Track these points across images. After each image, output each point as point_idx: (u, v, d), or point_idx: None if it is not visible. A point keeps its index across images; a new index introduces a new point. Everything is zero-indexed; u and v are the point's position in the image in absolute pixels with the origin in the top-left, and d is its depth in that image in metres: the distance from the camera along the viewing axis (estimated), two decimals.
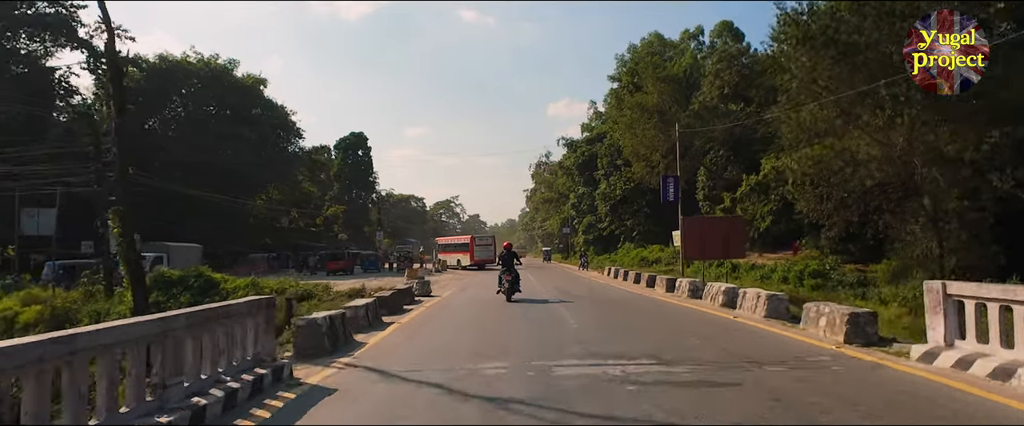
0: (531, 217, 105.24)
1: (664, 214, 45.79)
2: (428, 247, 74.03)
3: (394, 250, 61.76)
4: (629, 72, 49.55)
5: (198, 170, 41.89)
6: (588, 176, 56.98)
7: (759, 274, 23.48)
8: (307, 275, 39.94)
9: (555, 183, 75.79)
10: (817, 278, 19.87)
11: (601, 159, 52.84)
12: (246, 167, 45.33)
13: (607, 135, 53.77)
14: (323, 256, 44.92)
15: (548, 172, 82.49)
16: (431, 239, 73.05)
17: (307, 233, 62.88)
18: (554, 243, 74.92)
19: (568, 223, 65.87)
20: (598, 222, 54.00)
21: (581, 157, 58.46)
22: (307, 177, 64.24)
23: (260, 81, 50.43)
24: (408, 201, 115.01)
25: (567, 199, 67.58)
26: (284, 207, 57.37)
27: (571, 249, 64.98)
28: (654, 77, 41.05)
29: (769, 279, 22.03)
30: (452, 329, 11.42)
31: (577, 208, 61.00)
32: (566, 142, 67.81)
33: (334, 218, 67.42)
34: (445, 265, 45.51)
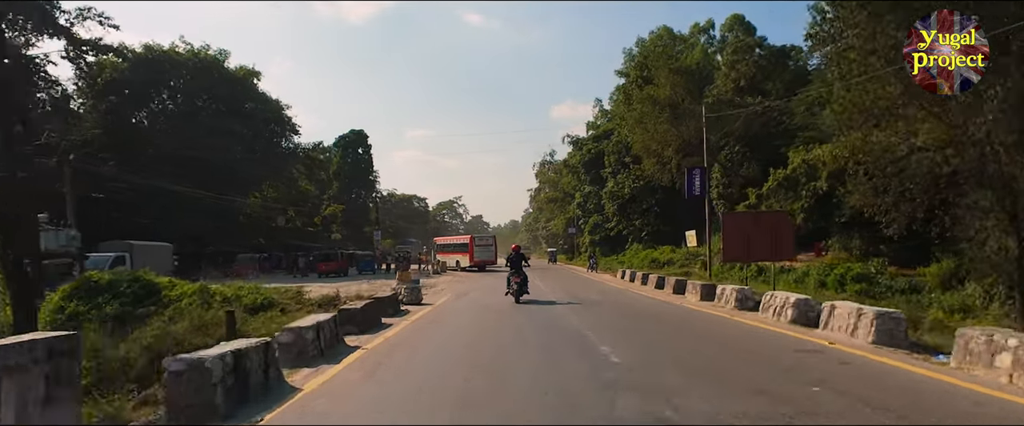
0: (534, 218, 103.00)
1: (675, 213, 43.77)
2: (430, 248, 71.73)
3: (393, 251, 59.51)
4: (638, 66, 47.45)
5: (188, 166, 39.83)
6: (594, 174, 54.88)
7: (791, 277, 21.24)
8: (298, 277, 37.83)
9: (560, 182, 73.53)
10: (861, 283, 17.61)
11: (608, 156, 50.82)
12: (237, 163, 43.21)
13: (615, 132, 51.75)
14: (313, 257, 42.56)
15: (553, 171, 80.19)
16: (432, 240, 70.76)
17: (304, 233, 60.77)
18: (559, 244, 72.53)
19: (573, 223, 63.63)
20: (605, 222, 51.92)
21: (587, 155, 56.35)
22: (304, 175, 62.11)
23: (253, 73, 48.22)
24: (410, 201, 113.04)
25: (572, 198, 65.37)
26: (280, 205, 55.31)
27: (576, 250, 62.81)
28: (666, 69, 38.86)
29: (802, 283, 19.89)
30: (437, 360, 8.35)
31: (583, 207, 58.82)
32: (571, 140, 65.60)
33: (333, 218, 65.34)
34: (444, 266, 42.99)
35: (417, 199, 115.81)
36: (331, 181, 71.47)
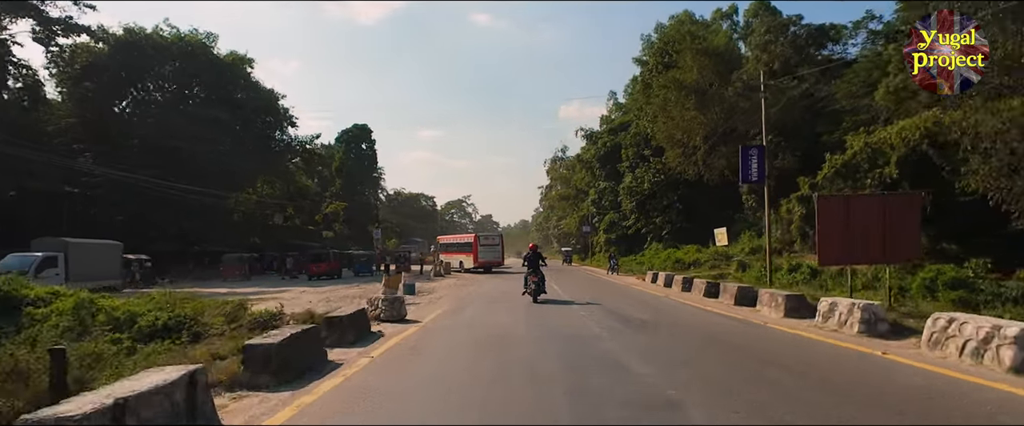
0: (545, 217, 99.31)
1: (699, 209, 40.25)
2: (437, 248, 68.26)
3: (394, 251, 56.20)
4: (657, 52, 43.85)
5: (173, 158, 36.76)
6: (610, 169, 51.27)
7: (857, 282, 17.46)
8: (287, 280, 34.68)
9: (573, 179, 69.77)
10: (957, 290, 13.95)
11: (626, 150, 47.29)
12: (227, 156, 40.02)
13: (632, 124, 48.18)
14: (300, 257, 39.04)
15: (565, 167, 76.46)
16: (437, 239, 67.28)
17: (304, 232, 57.69)
18: (572, 243, 68.68)
19: (587, 221, 59.97)
20: (622, 220, 48.38)
21: (603, 149, 52.78)
22: (303, 170, 58.96)
23: (244, 60, 44.79)
24: (418, 199, 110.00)
25: (586, 195, 61.72)
26: (277, 200, 52.23)
27: (590, 250, 59.17)
28: (692, 50, 35.27)
29: (873, 290, 16.13)
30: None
31: (598, 204, 55.21)
32: (586, 133, 62.01)
33: (334, 216, 62.15)
34: (448, 267, 39.10)
35: (425, 197, 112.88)
36: (334, 178, 68.30)
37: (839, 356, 8.30)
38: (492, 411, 5.67)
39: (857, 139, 21.59)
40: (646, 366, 7.53)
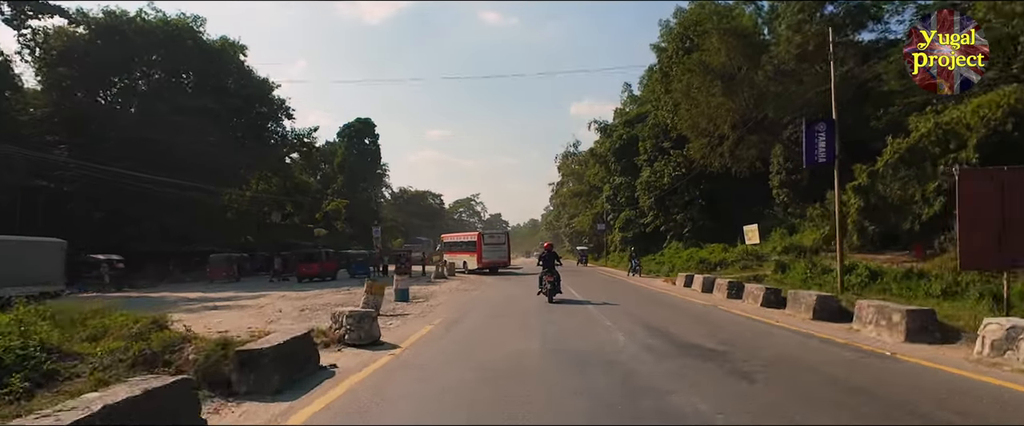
0: (556, 215, 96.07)
1: (723, 206, 37.18)
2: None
3: (397, 250, 53.40)
4: (678, 37, 40.76)
5: (157, 151, 34.12)
6: (627, 163, 48.14)
7: (922, 289, 14.28)
8: (275, 282, 31.96)
9: (585, 174, 66.57)
10: None
11: (643, 142, 44.25)
12: (217, 148, 37.36)
13: (650, 115, 45.06)
14: (290, 257, 36.13)
15: (577, 163, 73.14)
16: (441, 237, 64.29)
17: (303, 230, 55.07)
18: (585, 242, 65.25)
19: (602, 219, 56.78)
20: (639, 217, 45.32)
21: (618, 142, 49.64)
22: (302, 166, 56.29)
23: (236, 46, 41.98)
24: (424, 197, 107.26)
25: (600, 192, 58.59)
26: (274, 197, 49.65)
27: (605, 249, 55.99)
28: (718, 31, 32.20)
29: (959, 297, 12.98)
30: None
31: (613, 201, 52.09)
32: (599, 126, 58.85)
33: (335, 213, 59.52)
34: (452, 268, 35.90)
35: (432, 195, 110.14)
36: (336, 174, 65.66)
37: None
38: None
39: (923, 120, 18.51)
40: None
